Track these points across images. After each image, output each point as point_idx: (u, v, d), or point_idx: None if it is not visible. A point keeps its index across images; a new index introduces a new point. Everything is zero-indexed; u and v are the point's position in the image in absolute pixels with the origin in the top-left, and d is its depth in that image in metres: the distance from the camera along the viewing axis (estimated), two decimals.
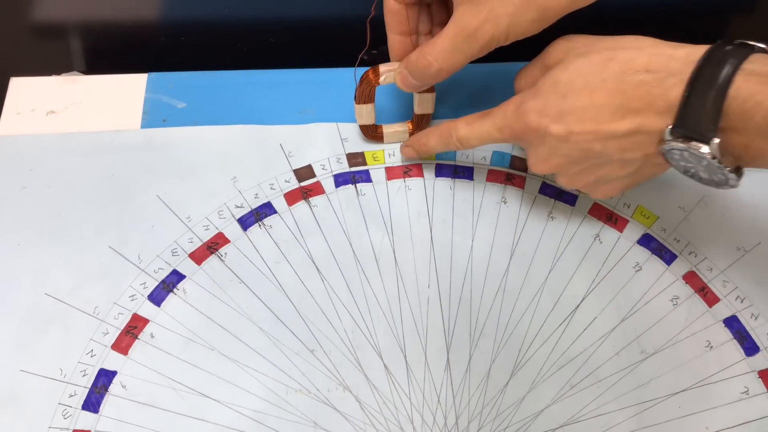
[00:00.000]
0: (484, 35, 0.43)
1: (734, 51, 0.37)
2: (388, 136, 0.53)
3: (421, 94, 0.51)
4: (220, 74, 0.58)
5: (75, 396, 0.44)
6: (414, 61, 0.46)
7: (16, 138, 0.54)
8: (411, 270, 0.49)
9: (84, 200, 0.51)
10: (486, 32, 0.43)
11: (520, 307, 0.48)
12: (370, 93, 0.50)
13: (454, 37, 0.44)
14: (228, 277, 0.49)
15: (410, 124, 0.53)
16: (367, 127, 0.53)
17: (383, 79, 0.49)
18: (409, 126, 0.53)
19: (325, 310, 0.48)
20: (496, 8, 0.43)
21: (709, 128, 0.37)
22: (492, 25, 0.43)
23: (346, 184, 0.53)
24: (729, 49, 0.37)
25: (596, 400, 0.45)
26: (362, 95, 0.50)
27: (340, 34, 0.60)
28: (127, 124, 0.55)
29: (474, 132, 0.47)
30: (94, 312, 0.47)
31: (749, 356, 0.47)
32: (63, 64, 0.58)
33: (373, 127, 0.53)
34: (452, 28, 0.44)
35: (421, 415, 0.45)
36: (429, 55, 0.45)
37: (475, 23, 0.43)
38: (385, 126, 0.53)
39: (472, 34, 0.43)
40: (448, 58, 0.45)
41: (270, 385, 0.45)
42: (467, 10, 0.43)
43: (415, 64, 0.46)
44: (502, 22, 0.43)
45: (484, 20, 0.43)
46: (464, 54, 0.45)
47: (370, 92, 0.50)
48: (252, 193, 0.52)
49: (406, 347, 0.47)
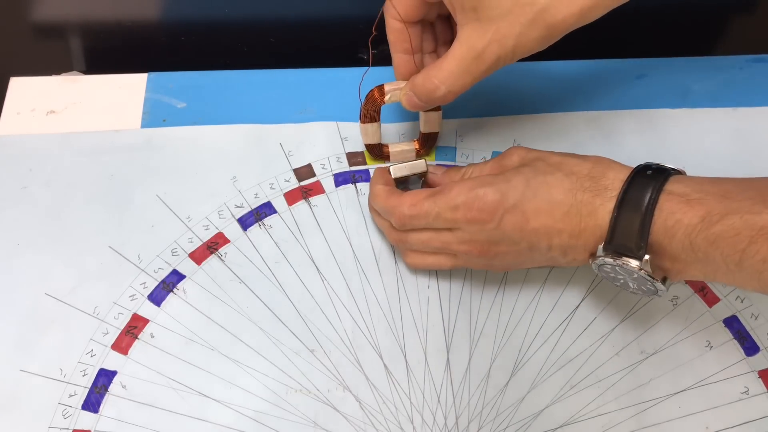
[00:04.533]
0: (490, 56, 0.43)
1: (654, 174, 0.40)
2: (395, 155, 0.53)
3: (428, 113, 0.51)
4: (220, 74, 0.58)
5: (75, 396, 0.44)
6: (420, 84, 0.46)
7: (16, 138, 0.54)
8: (411, 270, 0.49)
9: (84, 200, 0.51)
10: (492, 53, 0.43)
11: (520, 307, 0.48)
12: (375, 112, 0.50)
13: (460, 59, 0.43)
14: (228, 277, 0.49)
15: (417, 143, 0.53)
16: (372, 146, 0.52)
17: (388, 98, 0.49)
18: (415, 145, 0.53)
19: (325, 310, 0.48)
20: (501, 28, 0.42)
21: (639, 246, 0.39)
22: (498, 45, 0.42)
23: (346, 183, 0.53)
24: (650, 173, 0.40)
25: (596, 400, 0.45)
26: (367, 114, 0.50)
27: (340, 34, 0.60)
28: (127, 124, 0.55)
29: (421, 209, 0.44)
30: (94, 312, 0.47)
31: (749, 356, 0.47)
32: (63, 64, 0.58)
33: (379, 147, 0.52)
34: (458, 49, 0.43)
35: (421, 415, 0.45)
36: (435, 78, 0.44)
37: (481, 44, 0.42)
38: (391, 145, 0.53)
39: (478, 56, 0.43)
40: (455, 81, 0.44)
41: (270, 385, 0.45)
42: (473, 32, 0.43)
43: (422, 87, 0.46)
44: (509, 42, 0.42)
45: (490, 41, 0.42)
46: (471, 75, 0.44)
47: (375, 111, 0.50)
48: (252, 193, 0.52)
49: (406, 347, 0.47)
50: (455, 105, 0.55)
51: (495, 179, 0.43)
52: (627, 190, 0.40)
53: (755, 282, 0.37)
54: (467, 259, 0.46)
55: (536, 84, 0.57)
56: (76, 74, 0.57)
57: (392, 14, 0.46)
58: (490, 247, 0.43)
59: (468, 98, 0.56)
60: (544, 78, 0.58)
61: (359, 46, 0.49)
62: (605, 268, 0.42)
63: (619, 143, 0.55)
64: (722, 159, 0.54)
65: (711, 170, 0.53)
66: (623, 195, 0.40)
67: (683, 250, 0.38)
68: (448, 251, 0.45)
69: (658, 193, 0.39)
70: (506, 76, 0.51)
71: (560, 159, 0.43)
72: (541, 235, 0.42)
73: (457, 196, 0.43)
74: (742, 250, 0.36)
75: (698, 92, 0.58)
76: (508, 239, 0.43)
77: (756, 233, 0.36)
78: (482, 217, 0.42)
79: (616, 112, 0.56)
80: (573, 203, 0.41)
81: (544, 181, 0.42)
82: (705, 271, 0.39)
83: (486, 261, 0.45)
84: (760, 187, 0.38)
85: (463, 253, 0.45)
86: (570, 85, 0.58)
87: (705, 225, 0.37)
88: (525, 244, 0.43)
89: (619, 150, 0.54)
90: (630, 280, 0.42)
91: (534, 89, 0.57)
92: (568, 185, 0.42)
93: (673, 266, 0.40)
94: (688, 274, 0.40)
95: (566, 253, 0.43)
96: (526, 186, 0.42)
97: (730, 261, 0.37)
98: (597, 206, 0.41)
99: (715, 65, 0.59)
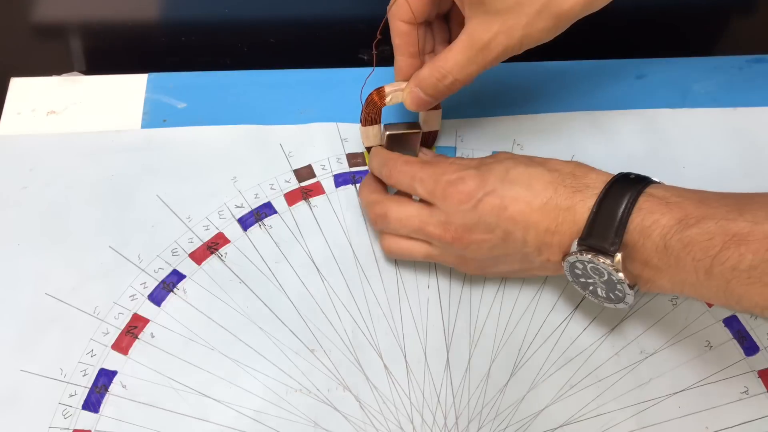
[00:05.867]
0: (497, 46, 0.43)
1: (637, 179, 0.41)
2: None
3: (428, 112, 0.50)
4: (220, 74, 0.58)
5: (75, 396, 0.44)
6: (427, 76, 0.46)
7: (17, 138, 0.54)
8: (411, 270, 0.49)
9: (84, 200, 0.51)
10: (499, 43, 0.43)
11: (520, 307, 0.48)
12: (376, 115, 0.50)
13: (467, 48, 0.44)
14: (228, 277, 0.49)
15: None
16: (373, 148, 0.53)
17: (389, 100, 0.48)
18: None
19: (325, 310, 0.48)
20: (508, 20, 0.42)
21: (614, 242, 0.39)
22: (505, 36, 0.43)
23: (346, 184, 0.53)
24: (633, 177, 0.41)
25: (596, 399, 0.45)
26: (368, 117, 0.50)
27: (340, 34, 0.61)
28: (127, 124, 0.55)
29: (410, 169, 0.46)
30: (94, 312, 0.47)
31: (749, 356, 0.47)
32: (63, 64, 0.58)
33: None
34: (465, 39, 0.44)
35: (421, 415, 0.45)
36: (443, 68, 0.45)
37: (488, 35, 0.43)
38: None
39: (485, 46, 0.43)
40: (462, 70, 0.44)
41: (270, 385, 0.45)
42: (479, 23, 0.43)
43: (429, 79, 0.46)
44: (516, 33, 0.42)
45: (497, 32, 0.43)
46: (478, 65, 0.44)
47: (376, 114, 0.50)
48: (252, 193, 0.52)
49: (406, 347, 0.47)
50: (455, 105, 0.56)
51: (480, 166, 0.44)
52: (609, 189, 0.41)
53: (721, 294, 0.37)
54: (441, 249, 0.46)
55: (536, 84, 0.58)
56: (77, 74, 0.57)
57: (400, 17, 0.46)
58: (464, 233, 0.43)
59: (468, 98, 0.56)
60: (544, 78, 0.58)
61: (359, 46, 0.49)
62: (576, 267, 0.42)
63: (619, 143, 0.55)
64: (722, 159, 0.54)
65: (711, 170, 0.54)
66: (605, 192, 0.40)
67: (657, 252, 0.39)
68: (423, 235, 0.45)
69: (638, 194, 0.40)
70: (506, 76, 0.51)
71: (544, 159, 0.45)
72: (517, 223, 0.42)
73: (443, 173, 0.44)
74: (713, 255, 0.36)
75: (698, 92, 0.58)
76: (483, 224, 0.43)
77: (729, 239, 0.36)
78: (460, 196, 0.43)
79: (616, 112, 0.56)
80: (552, 196, 0.42)
81: (525, 171, 0.43)
82: (674, 280, 0.39)
83: (459, 251, 0.45)
84: (738, 198, 0.39)
85: (436, 239, 0.45)
86: (570, 85, 0.58)
87: (681, 227, 0.38)
88: (500, 231, 0.43)
89: (619, 150, 0.54)
90: (600, 283, 0.42)
91: (534, 89, 0.57)
92: (549, 178, 0.42)
93: (644, 272, 0.40)
94: (656, 285, 0.41)
95: (540, 251, 0.43)
96: (506, 173, 0.43)
97: (700, 267, 0.37)
98: (576, 202, 0.41)
99: (715, 65, 0.59)
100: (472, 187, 0.43)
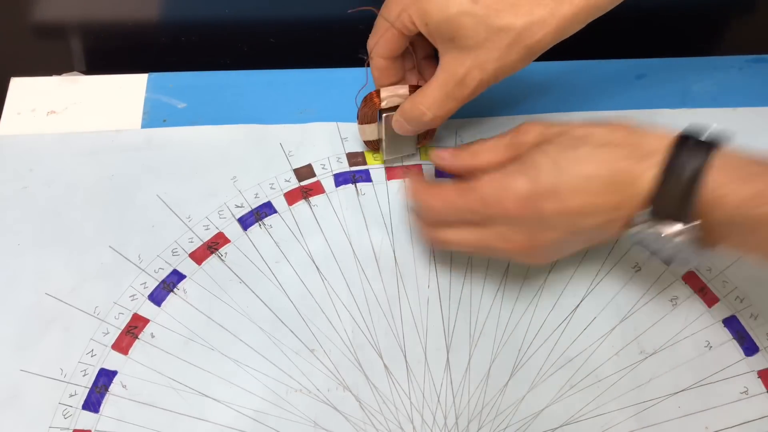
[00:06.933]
0: (472, 81, 0.44)
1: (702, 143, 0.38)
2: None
3: None
4: (220, 74, 0.58)
5: (75, 396, 0.44)
6: (408, 111, 0.47)
7: (16, 138, 0.54)
8: (411, 270, 0.49)
9: (84, 200, 0.51)
10: (474, 78, 0.44)
11: (520, 307, 0.48)
12: (374, 114, 0.50)
13: (443, 84, 0.45)
14: (228, 276, 0.49)
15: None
16: (371, 142, 0.53)
17: (385, 104, 0.49)
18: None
19: (325, 310, 0.48)
20: (480, 55, 0.43)
21: (683, 213, 0.38)
22: (479, 71, 0.44)
23: (346, 183, 0.53)
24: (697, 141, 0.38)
25: (596, 400, 0.45)
26: (365, 116, 0.50)
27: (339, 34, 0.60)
28: (127, 124, 0.55)
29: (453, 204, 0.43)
30: (94, 312, 0.47)
31: (748, 356, 0.47)
32: (63, 64, 0.58)
33: (377, 142, 0.53)
34: (441, 76, 0.45)
35: (421, 415, 0.45)
36: (422, 105, 0.46)
37: (462, 71, 0.44)
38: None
39: (460, 81, 0.44)
40: (440, 106, 0.46)
41: (270, 385, 0.45)
42: (453, 59, 0.44)
43: (410, 114, 0.47)
44: (489, 66, 0.43)
45: (470, 67, 0.43)
46: (455, 100, 0.45)
47: (374, 113, 0.50)
48: (252, 193, 0.52)
49: (406, 347, 0.47)
50: None
51: (521, 166, 0.41)
52: (675, 157, 0.38)
53: None
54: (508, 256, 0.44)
55: (536, 84, 0.58)
56: (77, 74, 0.57)
57: (378, 53, 0.47)
58: (532, 242, 0.42)
59: None
60: (544, 78, 0.58)
61: (359, 46, 0.49)
62: (642, 235, 0.40)
63: None
64: None
65: None
66: (670, 161, 0.38)
67: (728, 222, 0.37)
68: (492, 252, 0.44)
69: (706, 161, 0.37)
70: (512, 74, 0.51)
71: (585, 131, 0.41)
72: (585, 215, 0.40)
73: (488, 192, 0.41)
74: None
75: (698, 92, 0.58)
76: (549, 227, 0.41)
77: None
78: (518, 209, 0.40)
79: (615, 112, 0.56)
80: (610, 174, 0.39)
81: (574, 156, 0.40)
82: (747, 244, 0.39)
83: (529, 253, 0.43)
84: None
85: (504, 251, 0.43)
86: (570, 85, 0.58)
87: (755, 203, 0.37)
88: (567, 227, 0.41)
89: None
90: (665, 249, 0.40)
91: (534, 89, 0.57)
92: (602, 156, 0.40)
93: (712, 238, 0.39)
94: (724, 248, 0.39)
95: (606, 229, 0.41)
96: (555, 166, 0.40)
97: None
98: (638, 175, 0.39)
99: (715, 65, 0.59)
100: (526, 194, 0.40)
